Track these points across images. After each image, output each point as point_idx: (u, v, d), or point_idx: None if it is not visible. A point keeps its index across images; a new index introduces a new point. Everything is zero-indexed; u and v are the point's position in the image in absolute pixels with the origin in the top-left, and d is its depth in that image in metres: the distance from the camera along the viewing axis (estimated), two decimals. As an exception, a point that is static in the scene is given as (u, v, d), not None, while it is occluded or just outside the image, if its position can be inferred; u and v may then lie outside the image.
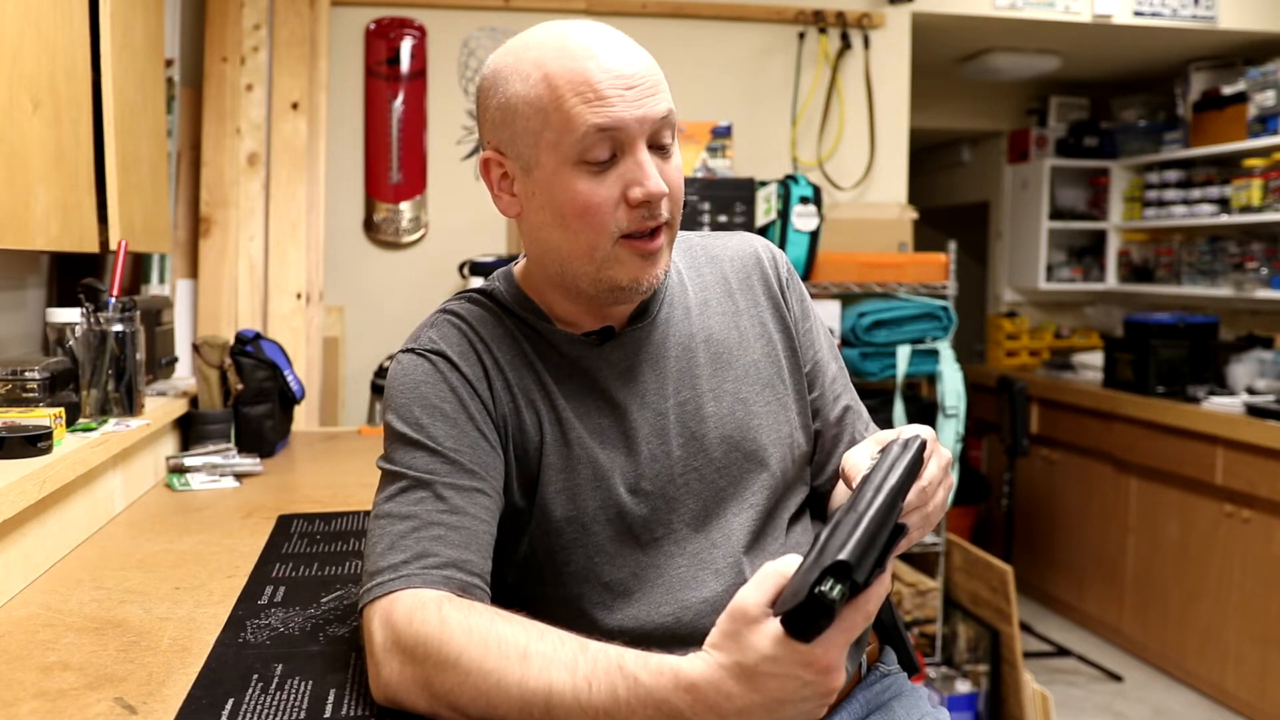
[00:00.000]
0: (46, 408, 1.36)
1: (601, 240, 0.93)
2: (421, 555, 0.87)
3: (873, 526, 0.68)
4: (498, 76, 0.94)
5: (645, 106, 0.90)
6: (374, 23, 2.96)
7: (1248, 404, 3.20)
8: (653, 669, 0.74)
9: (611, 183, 0.91)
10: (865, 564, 0.66)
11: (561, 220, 0.93)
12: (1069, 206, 4.59)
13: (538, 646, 0.78)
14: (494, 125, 0.95)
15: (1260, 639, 3.06)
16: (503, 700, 0.77)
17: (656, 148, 0.93)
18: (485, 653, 0.78)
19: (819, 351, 1.12)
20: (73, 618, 1.08)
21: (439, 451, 0.92)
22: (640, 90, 0.90)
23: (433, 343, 0.98)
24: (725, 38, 3.16)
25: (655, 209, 0.93)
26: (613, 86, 0.89)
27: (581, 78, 0.89)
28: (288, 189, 2.70)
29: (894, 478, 0.75)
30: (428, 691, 0.81)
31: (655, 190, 0.91)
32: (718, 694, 0.70)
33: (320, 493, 1.71)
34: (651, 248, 0.94)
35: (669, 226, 0.96)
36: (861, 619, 0.68)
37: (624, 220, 0.92)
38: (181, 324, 2.52)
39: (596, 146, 0.90)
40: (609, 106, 0.89)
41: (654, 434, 1.00)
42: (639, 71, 0.91)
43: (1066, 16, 3.45)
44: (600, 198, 0.91)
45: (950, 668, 3.03)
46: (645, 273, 0.95)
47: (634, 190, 0.91)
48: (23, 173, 1.35)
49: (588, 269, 0.95)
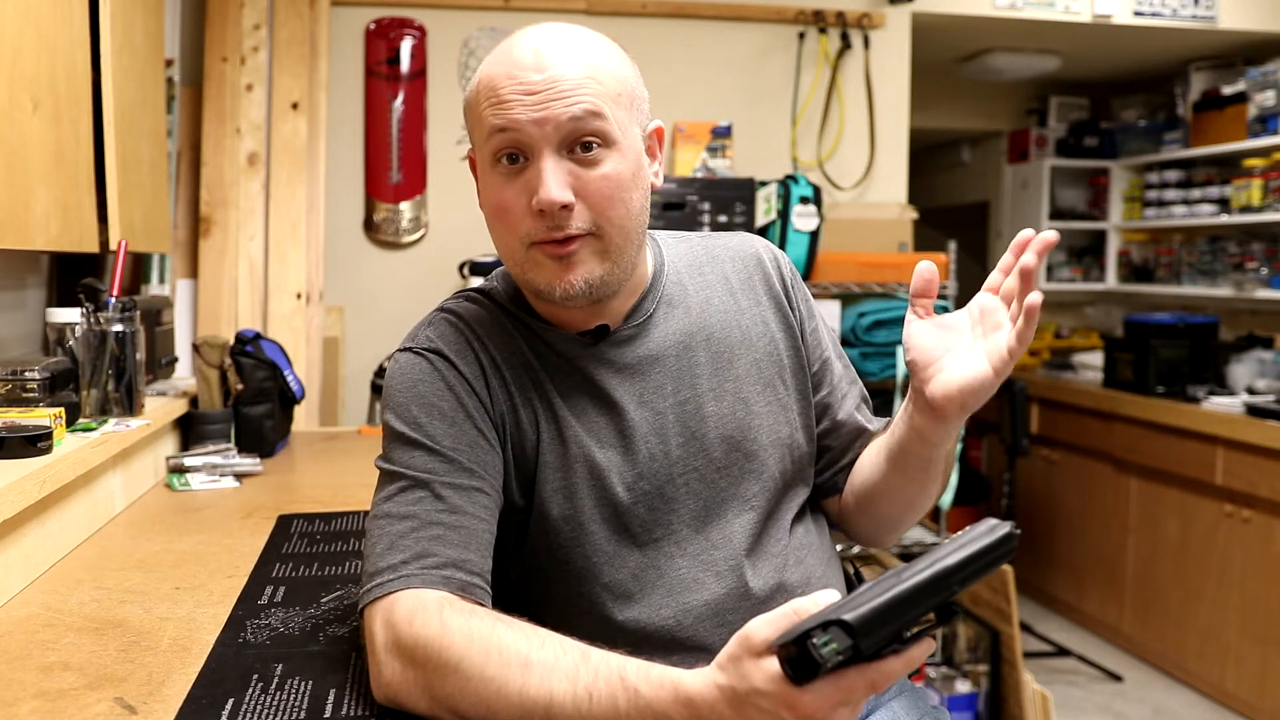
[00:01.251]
0: (46, 408, 1.36)
1: (515, 243, 0.94)
2: (421, 555, 0.86)
3: (902, 598, 0.64)
4: None
5: (548, 110, 0.89)
6: (374, 23, 2.96)
7: (1248, 404, 3.20)
8: (654, 681, 0.74)
9: (519, 188, 0.92)
10: (876, 634, 0.62)
11: (490, 219, 0.96)
12: (1069, 206, 4.59)
13: (539, 655, 0.78)
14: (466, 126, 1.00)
15: (1260, 639, 3.06)
16: (503, 707, 0.78)
17: (578, 154, 0.91)
18: (486, 659, 0.79)
19: (826, 351, 1.12)
20: (73, 618, 1.08)
21: (437, 450, 0.92)
22: (545, 95, 0.89)
23: (430, 341, 0.98)
24: (725, 38, 3.16)
25: (559, 219, 0.90)
26: (514, 91, 0.90)
27: (490, 82, 0.92)
28: (288, 189, 2.70)
29: (954, 558, 0.66)
30: (428, 694, 0.81)
31: (545, 199, 0.89)
32: (711, 713, 0.71)
33: (320, 493, 1.71)
34: (561, 253, 0.92)
35: (595, 236, 0.92)
36: (864, 686, 0.65)
37: (532, 227, 0.92)
38: (181, 324, 2.52)
39: (502, 149, 0.92)
40: (506, 109, 0.90)
41: (652, 433, 0.99)
42: (551, 75, 0.89)
43: (1066, 16, 3.45)
44: (510, 200, 0.92)
45: (950, 668, 3.03)
46: (560, 278, 0.92)
47: (534, 199, 0.90)
48: (23, 173, 1.35)
49: (515, 270, 0.97)
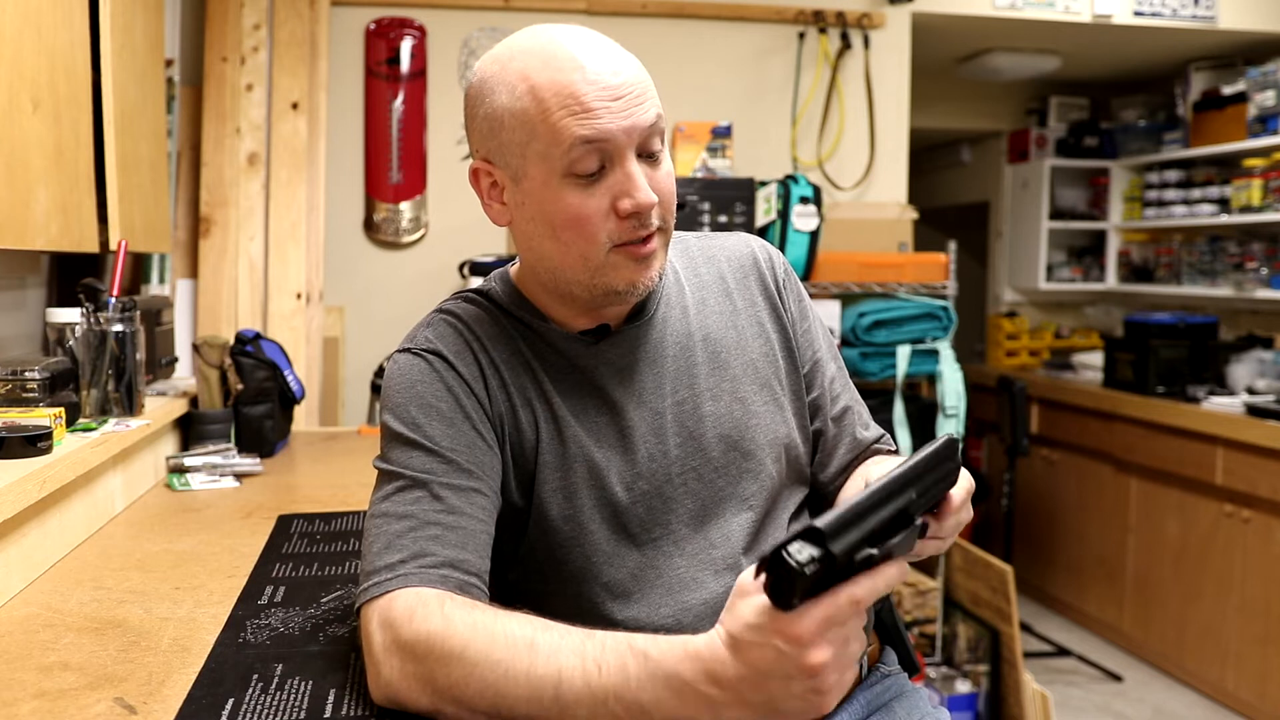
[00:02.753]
0: (46, 408, 1.36)
1: (594, 250, 0.92)
2: (418, 554, 0.86)
3: (866, 505, 0.67)
4: (484, 86, 0.93)
5: (633, 116, 0.89)
6: (374, 23, 2.96)
7: (1248, 404, 3.20)
8: (662, 644, 0.75)
9: (601, 194, 0.91)
10: (845, 537, 0.65)
11: (553, 231, 0.93)
12: (1069, 206, 4.59)
13: (544, 636, 0.78)
14: (481, 135, 0.94)
15: (1260, 639, 3.06)
16: (510, 689, 0.77)
17: (645, 155, 0.92)
18: (491, 644, 0.78)
19: (818, 351, 1.12)
20: (73, 618, 1.08)
21: (435, 451, 0.92)
22: (627, 100, 0.89)
23: (429, 342, 0.98)
24: (725, 38, 3.16)
25: (645, 219, 0.92)
26: (599, 98, 0.88)
27: (567, 90, 0.88)
28: (288, 189, 2.70)
29: (907, 465, 0.73)
30: (430, 687, 0.80)
31: (644, 202, 0.90)
32: (715, 660, 0.71)
33: (320, 493, 1.71)
34: (645, 251, 0.94)
35: (662, 231, 0.95)
36: (847, 602, 0.66)
37: (615, 231, 0.92)
38: (181, 324, 2.52)
39: (584, 159, 0.89)
40: (595, 119, 0.88)
41: (651, 433, 1.00)
42: (625, 80, 0.90)
43: (1066, 16, 3.46)
44: (590, 210, 0.91)
45: (950, 668, 3.03)
46: (640, 275, 0.94)
47: (623, 202, 0.90)
48: (23, 173, 1.35)
49: (581, 276, 0.95)
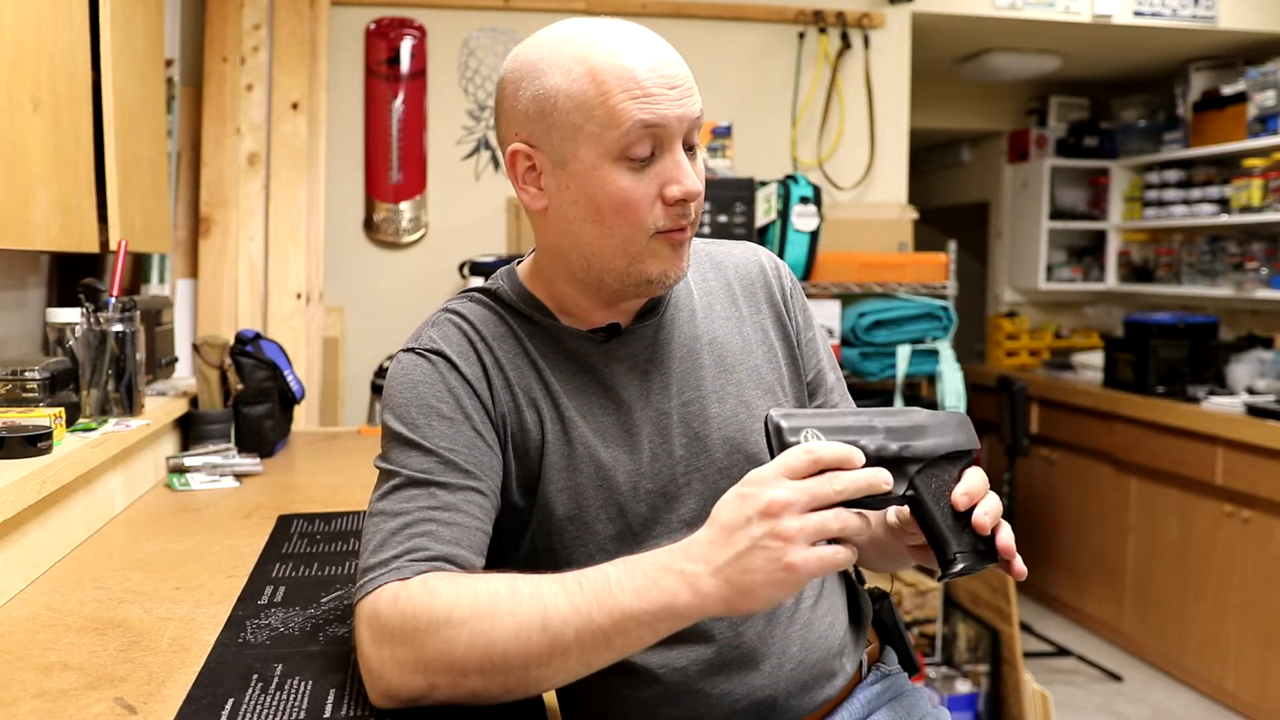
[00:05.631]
0: (46, 408, 1.36)
1: (638, 235, 0.94)
2: (411, 550, 0.87)
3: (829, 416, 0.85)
4: (533, 68, 0.93)
5: (684, 106, 0.92)
6: (374, 23, 2.96)
7: (1248, 404, 3.20)
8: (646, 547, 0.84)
9: (650, 180, 0.92)
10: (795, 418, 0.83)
11: (598, 215, 0.93)
12: (1069, 206, 4.59)
13: (525, 581, 0.82)
14: (526, 117, 0.94)
15: (1260, 639, 3.06)
16: (500, 635, 0.79)
17: (687, 148, 0.95)
18: (475, 599, 0.81)
19: (820, 361, 1.13)
20: (73, 618, 1.08)
21: (435, 451, 0.92)
22: (681, 90, 0.92)
23: (433, 342, 0.98)
24: (725, 38, 3.16)
25: (688, 208, 0.95)
26: (658, 85, 0.90)
27: (629, 74, 0.90)
28: (288, 189, 2.70)
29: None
30: (421, 664, 0.81)
31: (693, 189, 0.93)
32: (692, 540, 0.80)
33: (320, 493, 1.71)
34: (682, 239, 0.96)
35: (693, 223, 0.98)
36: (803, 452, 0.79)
37: (660, 217, 0.94)
38: (181, 324, 2.52)
39: (640, 143, 0.91)
40: (655, 104, 0.90)
41: (657, 433, 1.00)
42: (679, 72, 0.93)
43: (1066, 16, 3.46)
44: (639, 194, 0.92)
45: (950, 668, 3.03)
46: (673, 266, 0.97)
47: (671, 189, 0.92)
48: (23, 173, 1.35)
49: (618, 263, 0.95)
